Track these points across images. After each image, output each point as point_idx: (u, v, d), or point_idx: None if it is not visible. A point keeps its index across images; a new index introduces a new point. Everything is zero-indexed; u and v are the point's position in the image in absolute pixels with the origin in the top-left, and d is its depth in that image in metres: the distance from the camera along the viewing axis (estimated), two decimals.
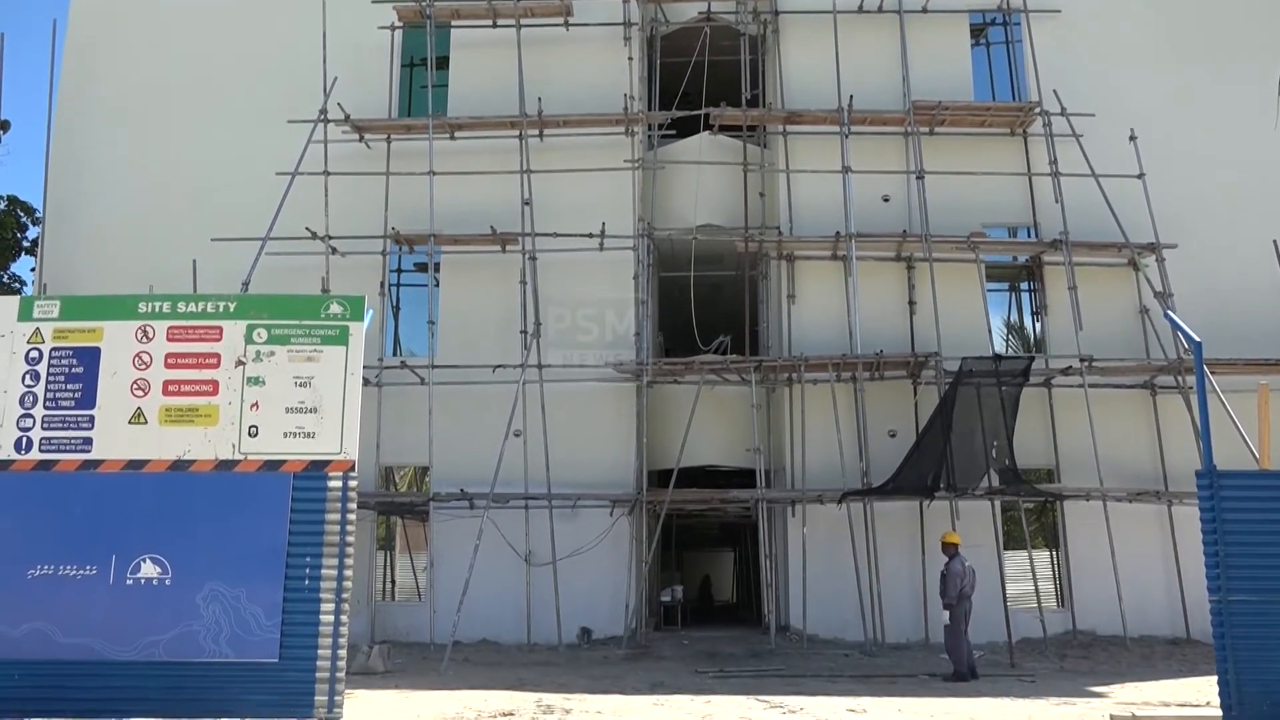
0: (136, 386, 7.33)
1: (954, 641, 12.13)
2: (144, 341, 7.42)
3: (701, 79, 17.54)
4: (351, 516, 7.13)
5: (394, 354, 17.06)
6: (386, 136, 17.28)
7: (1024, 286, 17.41)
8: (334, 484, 7.13)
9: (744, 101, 16.97)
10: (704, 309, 16.42)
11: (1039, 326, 16.90)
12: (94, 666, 6.84)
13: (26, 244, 22.56)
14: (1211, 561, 7.67)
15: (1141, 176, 16.09)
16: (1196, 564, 8.52)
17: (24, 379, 7.34)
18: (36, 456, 7.21)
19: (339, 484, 7.14)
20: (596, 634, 15.29)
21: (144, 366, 7.37)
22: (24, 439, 7.23)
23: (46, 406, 7.29)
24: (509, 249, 16.49)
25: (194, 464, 7.21)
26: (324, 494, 7.11)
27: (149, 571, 6.99)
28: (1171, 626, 14.96)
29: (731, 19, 17.81)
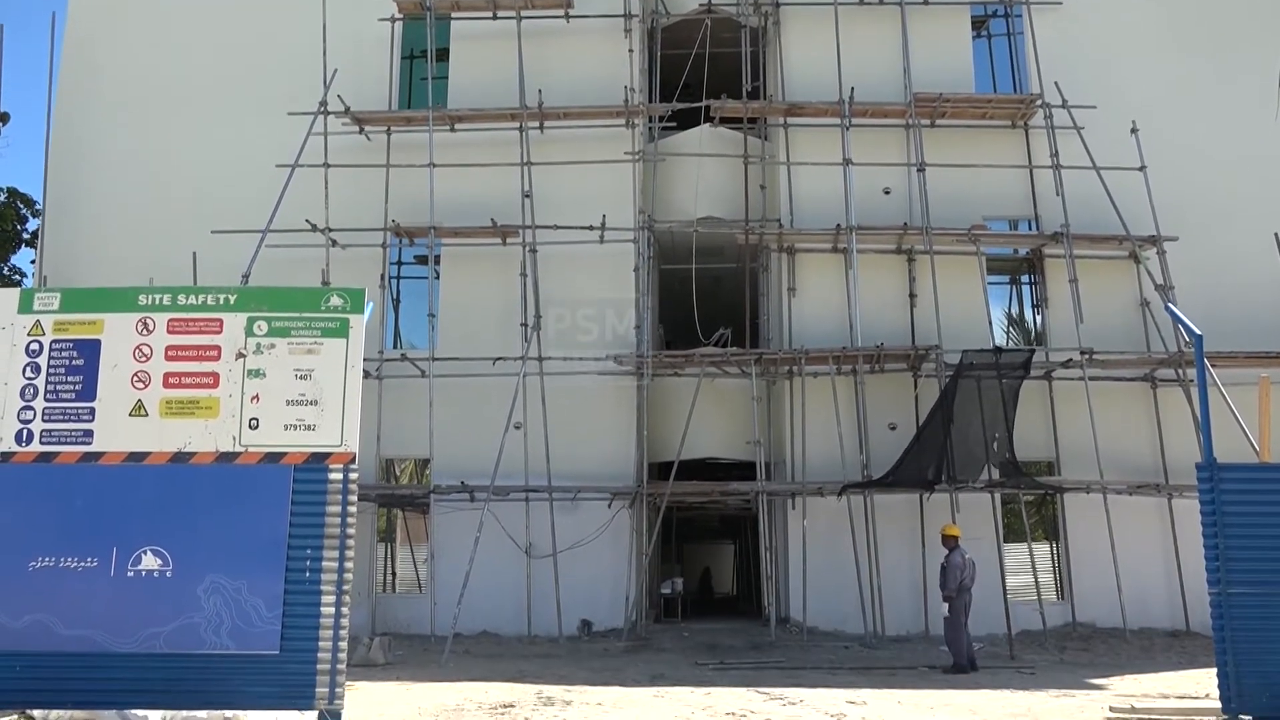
0: (137, 379, 7.31)
1: (954, 634, 12.17)
2: (144, 334, 7.39)
3: (702, 71, 17.49)
4: (352, 509, 7.11)
5: (394, 346, 17.05)
6: (386, 129, 17.26)
7: (1025, 279, 17.43)
8: (335, 476, 7.12)
9: (745, 94, 16.96)
10: (704, 301, 16.42)
11: (1039, 319, 16.90)
12: (95, 658, 6.82)
13: (26, 236, 22.53)
14: (1211, 554, 7.68)
15: (1143, 169, 16.09)
16: (1196, 556, 8.53)
17: (24, 371, 7.31)
18: (37, 448, 7.19)
19: (340, 476, 7.12)
20: (597, 626, 15.32)
21: (144, 359, 7.35)
22: (25, 431, 7.22)
23: (47, 399, 7.27)
24: (509, 241, 16.48)
25: (195, 456, 7.19)
26: (325, 486, 7.09)
27: (150, 564, 6.98)
28: (1171, 619, 14.99)
29: (732, 11, 17.76)
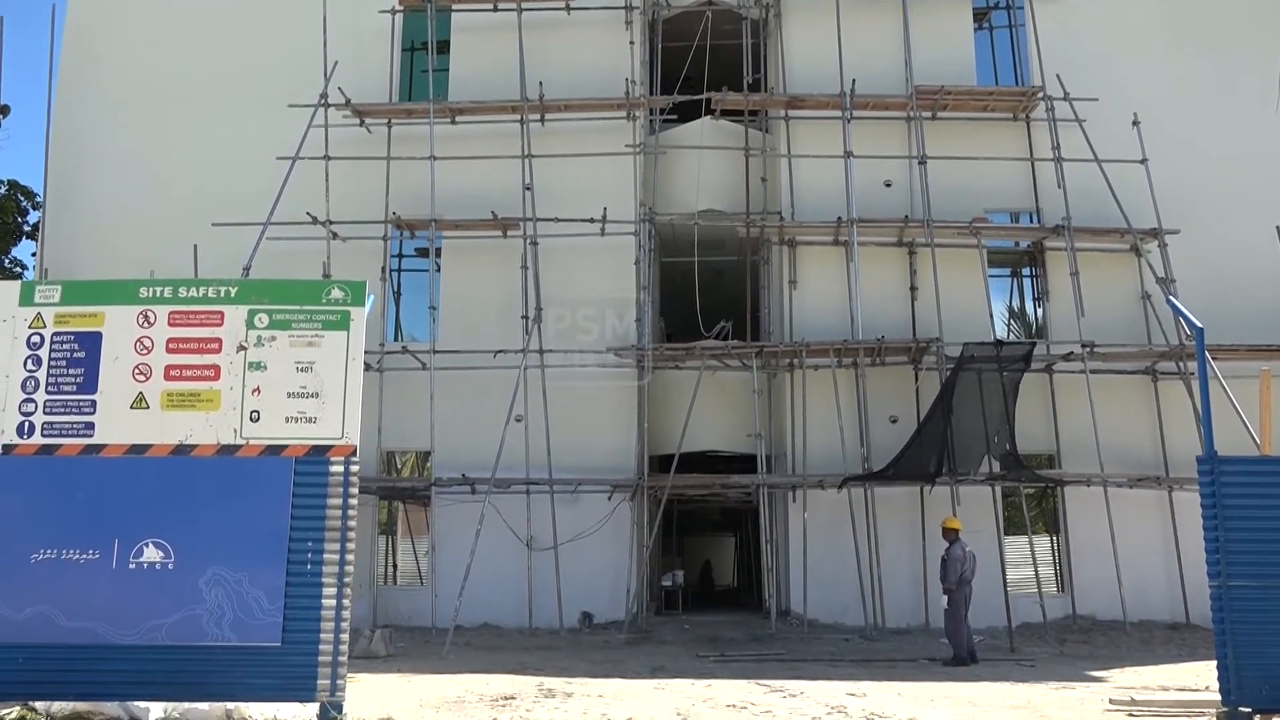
0: (138, 371, 7.32)
1: (954, 626, 12.18)
2: (145, 326, 7.39)
3: (703, 63, 17.46)
4: (353, 501, 7.12)
5: (395, 339, 17.06)
6: (387, 121, 17.23)
7: (1026, 272, 17.40)
8: (336, 469, 7.12)
9: (746, 86, 16.92)
10: (705, 294, 16.40)
11: (1040, 312, 16.88)
12: (97, 650, 6.84)
13: (27, 229, 22.56)
14: (1211, 547, 7.67)
15: (1144, 162, 16.05)
16: (1196, 549, 8.53)
17: (26, 363, 7.32)
18: (39, 441, 7.19)
19: (340, 469, 7.12)
20: (598, 618, 15.36)
21: (145, 351, 7.35)
22: (26, 423, 7.22)
23: (49, 391, 7.27)
24: (510, 234, 16.46)
25: (196, 449, 7.19)
26: (326, 479, 7.09)
27: (152, 556, 6.99)
28: (1171, 611, 15.01)
29: (733, 3, 17.74)
